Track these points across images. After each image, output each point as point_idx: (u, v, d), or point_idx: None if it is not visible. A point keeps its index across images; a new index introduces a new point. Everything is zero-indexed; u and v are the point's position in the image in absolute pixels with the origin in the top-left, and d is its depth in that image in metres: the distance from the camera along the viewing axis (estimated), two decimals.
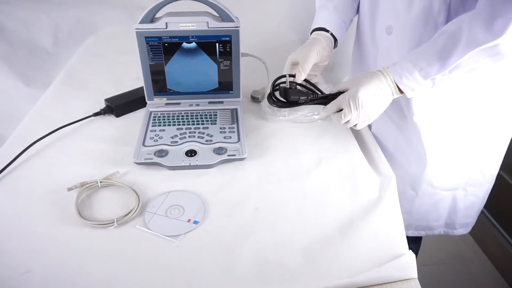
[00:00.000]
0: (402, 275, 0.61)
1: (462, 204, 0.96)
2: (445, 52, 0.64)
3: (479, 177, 0.92)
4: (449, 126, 0.83)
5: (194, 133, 0.86)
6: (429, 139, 0.84)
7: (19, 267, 0.60)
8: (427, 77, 0.67)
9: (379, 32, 0.80)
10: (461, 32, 0.62)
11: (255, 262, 0.62)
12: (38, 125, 0.91)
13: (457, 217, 0.99)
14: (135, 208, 0.69)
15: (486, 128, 0.84)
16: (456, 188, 0.93)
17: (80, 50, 1.35)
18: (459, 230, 1.02)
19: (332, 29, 0.85)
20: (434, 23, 0.70)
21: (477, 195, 0.97)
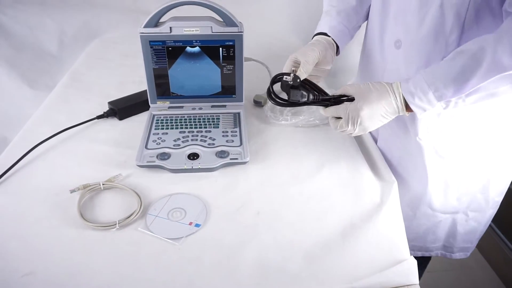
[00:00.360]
0: (404, 280, 0.61)
1: (462, 228, 0.93)
2: (464, 75, 0.59)
3: (481, 203, 0.88)
4: (454, 148, 0.79)
5: (196, 136, 0.86)
6: (431, 160, 0.80)
7: (21, 269, 0.60)
8: (441, 99, 0.63)
9: (387, 45, 0.77)
10: (483, 54, 0.58)
11: (256, 266, 0.62)
12: (42, 128, 0.91)
13: (456, 241, 0.95)
14: (137, 210, 0.69)
15: (492, 153, 0.81)
16: (456, 211, 0.89)
17: (85, 53, 1.36)
18: (457, 254, 0.99)
19: (334, 34, 0.83)
20: (445, 42, 0.66)
21: (479, 221, 0.92)
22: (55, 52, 1.41)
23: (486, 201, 0.88)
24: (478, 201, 0.88)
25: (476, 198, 0.88)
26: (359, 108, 0.67)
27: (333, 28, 0.83)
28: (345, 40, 0.85)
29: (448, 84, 0.61)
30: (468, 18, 0.63)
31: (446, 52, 0.67)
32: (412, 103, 0.65)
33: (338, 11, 0.84)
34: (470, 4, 0.61)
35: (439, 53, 0.68)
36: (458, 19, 0.63)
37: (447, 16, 0.63)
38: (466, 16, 0.62)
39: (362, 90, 0.68)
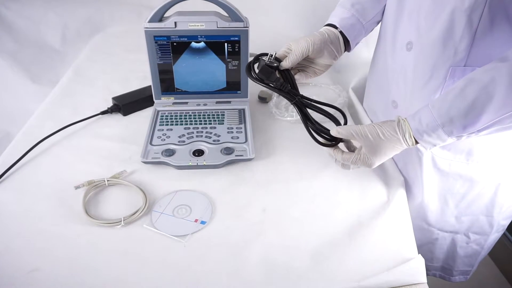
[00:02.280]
0: (411, 279, 0.60)
1: (463, 251, 0.88)
2: (476, 110, 0.54)
3: (484, 226, 0.83)
4: (453, 164, 0.74)
5: (201, 133, 0.85)
6: (429, 172, 0.76)
7: (27, 265, 0.60)
8: (452, 135, 0.58)
9: (399, 47, 0.72)
10: (495, 86, 0.53)
11: (262, 263, 0.61)
12: (45, 123, 0.91)
13: (456, 264, 0.91)
14: (142, 207, 0.69)
15: (497, 175, 0.75)
16: (456, 231, 0.84)
17: (88, 48, 1.36)
18: (456, 278, 0.94)
19: (343, 27, 0.77)
20: (454, 50, 0.62)
21: (481, 244, 0.87)
22: (58, 47, 1.40)
23: (491, 225, 0.83)
24: (480, 223, 0.83)
25: (479, 221, 0.82)
26: (371, 163, 0.64)
27: (344, 20, 0.77)
28: (357, 34, 0.79)
29: (458, 120, 0.56)
30: (481, 26, 0.58)
31: (454, 61, 0.63)
32: (421, 140, 0.60)
33: (353, 2, 0.78)
34: (484, 12, 0.57)
35: (446, 61, 0.64)
36: (470, 27, 0.59)
37: (458, 22, 0.59)
38: (479, 23, 0.58)
39: (372, 143, 0.63)
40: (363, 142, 0.63)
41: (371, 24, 0.80)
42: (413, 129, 0.60)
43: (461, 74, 0.63)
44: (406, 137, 0.61)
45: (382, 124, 0.63)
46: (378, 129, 0.62)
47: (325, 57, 0.75)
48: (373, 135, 0.62)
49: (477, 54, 0.61)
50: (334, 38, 0.76)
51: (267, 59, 0.69)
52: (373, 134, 0.62)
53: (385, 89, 0.80)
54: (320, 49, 0.73)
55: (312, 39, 0.73)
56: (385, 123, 0.64)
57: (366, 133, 0.63)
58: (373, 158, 0.63)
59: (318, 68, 0.78)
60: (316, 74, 0.79)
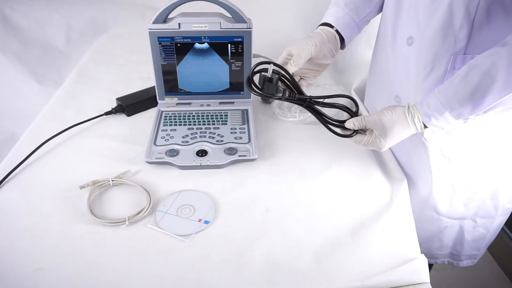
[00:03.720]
0: (414, 279, 0.61)
1: (470, 236, 0.90)
2: (479, 92, 0.58)
3: (490, 209, 0.85)
4: (461, 151, 0.77)
5: (205, 133, 0.86)
6: (437, 162, 0.78)
7: (32, 264, 0.60)
8: (460, 117, 0.61)
9: (400, 42, 0.75)
10: (496, 70, 0.56)
11: (265, 263, 0.62)
12: (50, 123, 0.92)
13: (464, 249, 0.93)
14: (146, 207, 0.69)
15: (502, 159, 0.77)
16: (463, 217, 0.87)
17: (92, 49, 1.36)
18: (464, 262, 0.96)
19: (339, 26, 0.79)
20: (454, 39, 0.65)
21: (487, 228, 0.89)
22: (62, 48, 1.41)
23: (496, 208, 0.85)
24: (486, 207, 0.85)
25: (485, 205, 0.85)
26: (381, 146, 0.68)
27: (339, 19, 0.80)
28: (351, 33, 0.81)
29: (464, 102, 0.60)
30: (478, 15, 0.62)
31: (455, 50, 0.66)
32: (429, 124, 0.64)
33: (346, 2, 0.81)
34: (480, 2, 0.60)
35: (447, 50, 0.66)
36: (468, 16, 0.62)
37: (456, 12, 0.63)
38: (476, 13, 0.61)
39: (384, 127, 0.66)
40: (375, 128, 0.68)
41: (364, 22, 0.83)
42: (422, 114, 0.64)
43: (462, 62, 0.66)
44: (415, 121, 0.64)
45: (392, 109, 0.67)
46: (388, 114, 0.66)
47: (325, 56, 0.79)
48: (385, 120, 0.66)
49: (476, 41, 0.64)
50: (331, 38, 0.79)
51: (268, 73, 0.68)
52: (384, 119, 0.66)
53: (388, 85, 0.82)
54: (320, 49, 0.76)
55: (313, 41, 0.75)
56: (395, 107, 0.67)
57: (378, 120, 0.67)
58: (383, 141, 0.67)
59: (317, 69, 0.81)
60: (315, 76, 0.83)
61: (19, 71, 1.34)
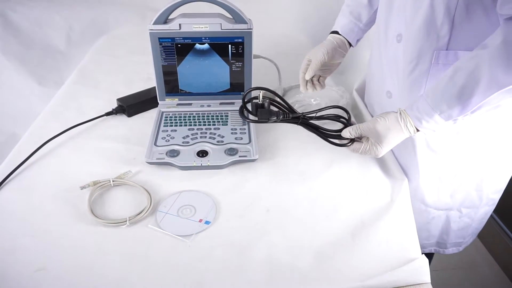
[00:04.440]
0: (415, 279, 0.61)
1: (456, 225, 0.93)
2: (466, 93, 0.60)
3: (475, 200, 0.88)
4: (446, 144, 0.79)
5: (205, 133, 0.86)
6: (423, 154, 0.81)
7: (33, 264, 0.60)
8: (449, 119, 0.64)
9: (390, 39, 0.79)
10: (480, 71, 0.59)
11: (266, 263, 0.62)
12: (51, 124, 0.92)
13: (449, 238, 0.96)
14: (147, 207, 0.69)
15: (486, 151, 0.80)
16: (450, 208, 0.89)
17: (92, 50, 1.37)
18: (449, 249, 0.99)
19: (344, 33, 0.91)
20: (436, 35, 0.68)
21: (472, 217, 0.92)
22: (63, 49, 1.42)
23: (480, 198, 0.88)
24: (471, 198, 0.88)
25: (470, 195, 0.87)
26: (378, 153, 0.71)
27: (344, 27, 0.91)
28: (355, 36, 0.92)
29: (452, 104, 0.62)
30: (458, 12, 0.64)
31: (438, 46, 0.69)
32: (420, 127, 0.67)
33: (350, 10, 0.91)
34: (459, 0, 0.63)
35: (430, 46, 0.70)
36: (448, 13, 0.65)
37: (437, 10, 0.66)
38: (456, 10, 0.64)
39: (379, 135, 0.69)
40: (370, 135, 0.70)
41: (366, 25, 0.93)
42: (413, 117, 0.67)
43: (445, 57, 0.70)
44: (408, 126, 0.67)
45: (385, 116, 0.70)
46: (382, 121, 0.69)
47: (336, 58, 0.90)
48: (379, 128, 0.69)
49: (458, 37, 0.67)
50: (340, 43, 0.91)
51: (259, 100, 0.71)
52: (378, 127, 0.69)
53: (381, 80, 0.86)
54: (332, 54, 0.89)
55: (325, 48, 0.88)
56: (388, 114, 0.70)
57: (372, 128, 0.69)
58: (380, 148, 0.69)
59: (331, 68, 0.93)
60: (330, 73, 0.94)
61: (20, 72, 1.35)
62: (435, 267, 1.14)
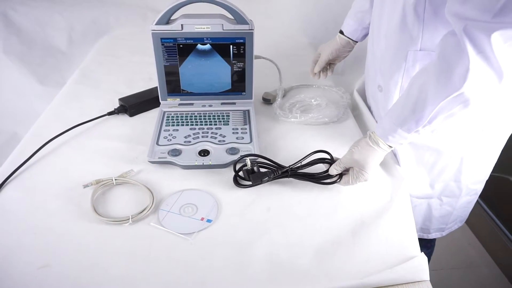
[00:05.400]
0: (414, 277, 0.61)
1: (437, 213, 0.97)
2: (419, 107, 0.65)
3: (454, 190, 0.92)
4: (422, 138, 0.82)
5: (207, 133, 0.87)
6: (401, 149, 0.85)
7: (37, 262, 0.61)
8: (410, 131, 0.68)
9: (381, 36, 0.83)
10: (427, 86, 0.63)
11: (267, 261, 0.63)
12: (53, 124, 0.93)
13: (432, 224, 1.00)
14: (149, 205, 0.70)
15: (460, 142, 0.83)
16: (430, 197, 0.93)
17: (94, 50, 1.37)
18: (433, 234, 1.03)
19: (348, 33, 1.01)
20: (409, 35, 0.73)
21: (453, 205, 0.96)
22: (65, 49, 1.42)
23: (459, 188, 0.91)
24: (451, 188, 0.91)
25: (449, 186, 0.91)
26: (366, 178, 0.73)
27: (349, 27, 1.00)
28: (359, 35, 1.01)
29: (409, 118, 0.67)
30: (427, 15, 0.69)
31: (411, 46, 0.74)
32: (388, 141, 0.71)
33: (355, 12, 0.99)
34: (427, 5, 0.68)
35: (405, 46, 0.75)
36: (417, 18, 0.70)
37: (408, 13, 0.71)
38: (424, 14, 0.69)
39: (360, 162, 0.73)
40: (353, 165, 0.74)
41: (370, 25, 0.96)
42: (380, 136, 0.72)
43: (418, 57, 0.74)
44: (380, 145, 0.72)
45: (357, 144, 0.74)
46: (356, 150, 0.73)
47: (342, 55, 1.04)
48: (356, 157, 0.73)
49: (428, 39, 0.72)
50: (345, 43, 1.02)
51: (248, 166, 0.74)
52: (355, 157, 0.73)
53: (373, 75, 0.90)
54: (337, 54, 1.03)
55: (330, 49, 1.02)
56: (359, 142, 0.75)
57: (351, 159, 0.74)
58: (365, 174, 0.73)
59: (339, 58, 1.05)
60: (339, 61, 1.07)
61: (22, 72, 1.35)
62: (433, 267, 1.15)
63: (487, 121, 0.81)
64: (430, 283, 0.62)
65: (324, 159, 0.78)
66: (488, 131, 0.82)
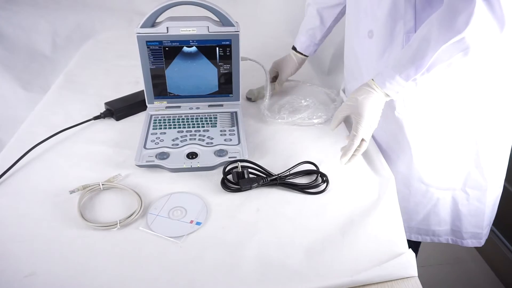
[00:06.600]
0: (403, 273, 0.62)
1: (466, 209, 0.92)
2: (419, 54, 0.68)
3: (478, 179, 0.88)
4: (432, 120, 0.83)
5: (194, 135, 0.87)
6: (412, 134, 0.85)
7: (23, 270, 0.60)
8: (408, 79, 0.71)
9: (362, 36, 0.85)
10: (430, 33, 0.66)
11: (258, 262, 0.63)
12: (38, 129, 0.91)
13: (463, 225, 0.94)
14: (137, 210, 0.69)
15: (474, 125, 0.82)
16: (453, 188, 0.90)
17: (79, 54, 1.36)
18: (468, 241, 0.97)
19: (302, 50, 1.07)
20: (403, 21, 0.75)
21: (482, 201, 0.91)
22: (49, 54, 1.40)
23: (483, 177, 0.88)
24: (474, 177, 0.88)
25: (471, 174, 0.88)
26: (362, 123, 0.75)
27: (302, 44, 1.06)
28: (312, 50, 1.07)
29: (408, 65, 0.69)
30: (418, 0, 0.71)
31: (405, 30, 0.76)
32: (385, 88, 0.74)
33: (306, 30, 1.04)
34: None
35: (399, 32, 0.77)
36: (409, 1, 0.72)
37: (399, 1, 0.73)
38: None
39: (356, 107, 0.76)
40: (351, 111, 0.77)
41: (321, 40, 1.07)
42: (378, 83, 0.74)
43: None
44: (374, 88, 0.75)
45: (356, 90, 0.77)
46: (355, 96, 0.77)
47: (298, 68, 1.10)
48: (354, 102, 0.76)
49: (422, 20, 0.72)
50: (300, 60, 1.09)
51: (239, 169, 0.76)
52: (353, 102, 0.76)
53: (359, 75, 0.91)
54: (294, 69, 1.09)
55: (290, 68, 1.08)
56: (359, 88, 0.77)
57: (349, 105, 0.77)
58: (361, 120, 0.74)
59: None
60: None
61: (5, 77, 1.33)
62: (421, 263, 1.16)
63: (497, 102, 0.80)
64: (418, 279, 0.62)
65: (311, 171, 0.79)
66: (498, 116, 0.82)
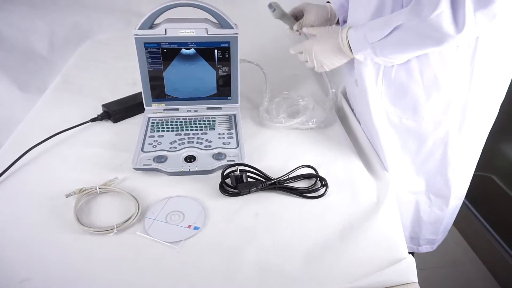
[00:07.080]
0: (403, 279, 0.62)
1: (427, 217, 0.94)
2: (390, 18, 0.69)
3: (442, 188, 0.88)
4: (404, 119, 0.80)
5: (192, 138, 0.86)
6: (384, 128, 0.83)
7: (19, 275, 0.59)
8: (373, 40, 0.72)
9: None
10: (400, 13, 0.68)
11: (256, 267, 0.62)
12: (34, 131, 0.90)
13: (422, 231, 0.96)
14: (134, 214, 0.69)
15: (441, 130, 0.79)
16: (417, 192, 0.90)
17: (76, 55, 1.35)
18: (423, 247, 0.99)
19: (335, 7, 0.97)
20: None
21: (443, 209, 0.92)
22: (46, 54, 1.39)
23: (447, 186, 0.88)
24: (438, 184, 0.88)
25: (436, 180, 0.87)
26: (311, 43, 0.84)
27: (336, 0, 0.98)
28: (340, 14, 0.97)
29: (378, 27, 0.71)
30: None
31: None
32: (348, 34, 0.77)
33: None
34: None
35: None
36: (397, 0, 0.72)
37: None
38: None
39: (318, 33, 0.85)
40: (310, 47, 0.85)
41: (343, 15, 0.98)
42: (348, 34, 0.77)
43: None
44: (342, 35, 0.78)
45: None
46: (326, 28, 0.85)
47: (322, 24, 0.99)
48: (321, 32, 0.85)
49: None
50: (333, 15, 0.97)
51: (237, 173, 0.75)
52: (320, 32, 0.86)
53: (351, 69, 0.89)
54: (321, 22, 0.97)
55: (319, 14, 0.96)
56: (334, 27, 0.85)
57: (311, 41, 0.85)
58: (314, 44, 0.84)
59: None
60: None
61: (1, 78, 1.32)
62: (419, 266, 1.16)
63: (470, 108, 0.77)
64: (418, 285, 0.62)
65: (310, 175, 0.78)
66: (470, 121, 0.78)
